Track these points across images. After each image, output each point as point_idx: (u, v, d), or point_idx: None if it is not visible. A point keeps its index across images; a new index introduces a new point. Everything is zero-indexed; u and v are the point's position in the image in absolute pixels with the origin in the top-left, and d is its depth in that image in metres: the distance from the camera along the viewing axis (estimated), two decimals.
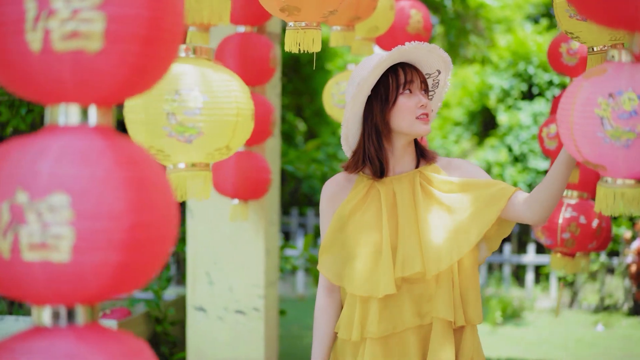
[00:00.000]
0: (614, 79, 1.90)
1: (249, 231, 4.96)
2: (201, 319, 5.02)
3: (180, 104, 2.53)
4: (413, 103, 2.57)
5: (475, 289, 2.63)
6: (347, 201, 2.66)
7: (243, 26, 4.24)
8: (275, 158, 5.13)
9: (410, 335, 2.59)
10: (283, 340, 6.89)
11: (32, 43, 1.32)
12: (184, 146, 2.58)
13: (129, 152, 1.38)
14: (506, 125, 11.17)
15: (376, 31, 4.06)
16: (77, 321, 1.36)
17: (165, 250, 1.43)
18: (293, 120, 12.26)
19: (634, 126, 1.85)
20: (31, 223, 1.28)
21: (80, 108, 1.38)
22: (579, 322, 8.63)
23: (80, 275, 1.30)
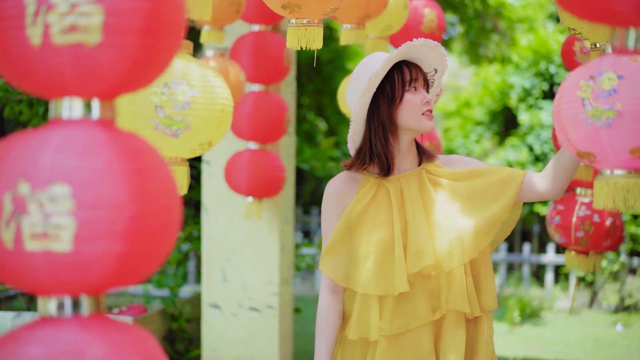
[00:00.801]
0: (596, 64, 1.91)
1: (264, 229, 4.98)
2: (216, 316, 5.05)
3: (169, 97, 2.52)
4: (419, 100, 2.60)
5: (488, 275, 2.66)
6: (355, 201, 2.64)
7: (257, 25, 4.26)
8: (290, 156, 5.14)
9: (424, 331, 2.59)
10: (299, 337, 6.89)
11: (33, 38, 1.34)
12: (170, 140, 2.56)
13: (130, 144, 1.40)
14: (527, 124, 11.11)
15: (390, 30, 4.06)
16: (81, 311, 1.39)
17: (168, 240, 1.44)
18: (314, 119, 12.25)
19: (613, 104, 1.84)
20: (33, 213, 1.30)
21: (83, 101, 1.41)
22: (598, 322, 8.58)
23: (83, 265, 1.32)
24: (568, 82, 1.96)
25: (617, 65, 1.86)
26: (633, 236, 9.27)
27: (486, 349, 2.66)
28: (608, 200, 1.93)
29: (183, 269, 5.42)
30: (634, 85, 1.83)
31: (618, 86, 1.84)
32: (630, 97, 1.83)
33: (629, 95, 1.83)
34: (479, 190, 2.62)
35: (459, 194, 2.63)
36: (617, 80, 1.84)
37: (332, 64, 11.95)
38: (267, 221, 4.97)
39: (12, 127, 6.14)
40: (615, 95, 1.84)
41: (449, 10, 10.21)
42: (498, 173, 2.63)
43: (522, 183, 2.60)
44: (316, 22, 2.69)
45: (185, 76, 2.59)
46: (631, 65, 1.85)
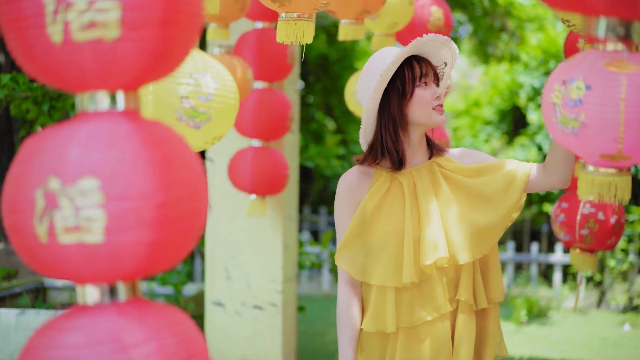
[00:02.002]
0: (572, 67, 1.88)
1: (267, 227, 4.98)
2: (219, 314, 5.04)
3: (195, 89, 2.50)
4: (429, 94, 2.62)
5: (496, 268, 2.70)
6: (370, 195, 2.67)
7: (261, 22, 4.25)
8: (293, 154, 5.14)
9: (442, 322, 2.63)
10: (304, 336, 6.89)
11: (53, 35, 1.38)
12: (191, 132, 2.54)
13: (155, 133, 1.43)
14: (536, 124, 11.07)
15: (395, 27, 4.04)
16: (118, 297, 1.44)
17: (197, 226, 1.48)
18: (322, 119, 12.24)
19: (578, 114, 1.81)
20: (64, 208, 1.34)
21: (107, 94, 1.44)
22: (606, 322, 8.54)
23: (115, 254, 1.37)
24: (549, 80, 1.95)
25: (589, 73, 1.83)
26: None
27: (493, 340, 2.70)
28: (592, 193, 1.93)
29: (188, 267, 5.42)
30: (600, 97, 1.80)
31: (585, 97, 1.81)
32: (595, 110, 1.80)
33: (594, 108, 1.80)
34: (489, 185, 2.64)
35: (469, 189, 2.65)
36: (584, 90, 1.81)
37: (340, 63, 11.94)
38: (270, 219, 4.97)
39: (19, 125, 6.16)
40: (581, 106, 1.82)
41: (457, 9, 10.18)
42: (505, 167, 2.66)
43: (528, 176, 2.63)
44: (306, 16, 2.68)
45: (207, 68, 2.58)
46: (603, 73, 1.81)
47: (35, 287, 5.52)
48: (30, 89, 4.79)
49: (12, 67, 6.45)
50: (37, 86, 4.75)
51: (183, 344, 1.43)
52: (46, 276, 1.44)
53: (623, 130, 1.79)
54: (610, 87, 1.79)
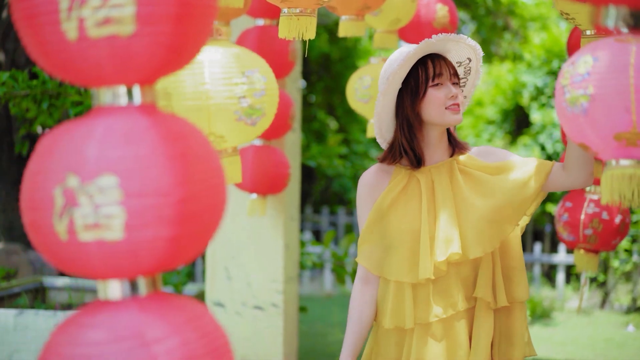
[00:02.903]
0: (582, 49, 1.82)
1: (268, 226, 4.94)
2: (219, 314, 5.00)
3: (249, 86, 2.49)
4: (443, 94, 2.62)
5: (520, 267, 2.71)
6: (387, 192, 2.70)
7: (262, 19, 4.21)
8: (295, 152, 5.10)
9: (459, 319, 2.64)
10: (305, 337, 6.84)
11: (69, 32, 1.39)
12: (248, 129, 2.54)
13: (173, 128, 1.44)
14: (539, 123, 11.02)
15: (398, 23, 4.00)
16: (139, 292, 1.45)
17: (216, 220, 1.50)
18: (324, 118, 12.20)
19: (585, 88, 1.75)
20: (84, 205, 1.35)
21: (124, 88, 1.46)
22: (610, 322, 8.49)
23: (135, 251, 1.38)
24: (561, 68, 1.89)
25: (598, 47, 1.77)
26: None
27: (521, 339, 2.70)
28: (614, 192, 1.83)
29: (188, 267, 5.37)
30: (608, 66, 1.74)
31: (592, 68, 1.75)
32: (604, 79, 1.74)
33: (603, 77, 1.74)
34: (508, 183, 2.64)
35: (488, 186, 2.65)
36: (592, 62, 1.76)
37: (343, 62, 11.91)
38: (271, 218, 4.93)
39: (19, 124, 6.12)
40: (588, 78, 1.75)
41: (460, 7, 10.15)
42: (527, 165, 2.66)
43: (549, 174, 2.63)
44: (309, 11, 2.66)
45: (254, 63, 2.56)
46: (612, 45, 1.75)
47: (35, 287, 5.48)
48: (30, 87, 4.76)
49: (12, 65, 6.42)
50: (36, 84, 4.72)
51: (204, 338, 1.45)
52: (66, 273, 1.46)
53: (634, 98, 1.72)
54: (618, 55, 1.73)
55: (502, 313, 2.71)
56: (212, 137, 2.47)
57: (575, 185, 2.61)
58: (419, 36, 4.40)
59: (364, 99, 4.16)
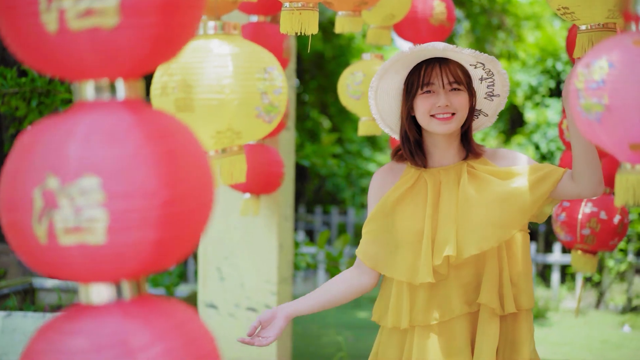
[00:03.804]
0: (597, 49, 1.73)
1: (262, 226, 4.87)
2: (212, 315, 4.93)
3: (270, 83, 2.42)
4: (429, 103, 2.61)
5: (526, 273, 2.68)
6: (393, 189, 2.71)
7: (256, 15, 4.16)
8: (289, 151, 5.03)
9: (460, 323, 2.62)
10: (299, 338, 6.78)
11: (48, 24, 1.32)
12: (264, 126, 2.48)
13: (159, 125, 1.36)
14: (533, 122, 10.99)
15: (392, 19, 3.93)
16: (123, 296, 1.37)
17: (203, 221, 1.42)
18: (317, 117, 12.15)
19: (600, 97, 1.66)
20: (64, 208, 1.28)
21: (107, 82, 1.38)
22: (605, 323, 8.45)
23: (118, 255, 1.31)
24: (575, 68, 1.81)
25: (615, 50, 1.67)
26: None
27: (528, 348, 2.65)
28: (628, 196, 1.78)
29: (180, 268, 5.30)
30: (624, 75, 1.64)
31: (607, 76, 1.65)
32: (620, 90, 1.64)
33: (618, 87, 1.64)
34: (515, 187, 2.61)
35: (496, 191, 2.62)
36: (607, 69, 1.66)
37: (336, 61, 11.85)
38: (265, 218, 4.86)
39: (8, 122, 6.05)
40: (604, 87, 1.66)
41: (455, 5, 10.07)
42: (538, 171, 2.63)
43: (558, 181, 2.60)
44: (311, 5, 2.61)
45: (273, 60, 2.50)
46: (630, 50, 1.65)
47: (24, 289, 5.41)
48: (19, 85, 4.69)
49: (1, 62, 6.34)
50: (25, 81, 4.65)
51: (192, 344, 1.38)
52: (47, 277, 1.40)
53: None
54: (636, 62, 1.63)
55: (507, 320, 2.67)
56: (229, 132, 2.40)
57: (584, 195, 2.57)
58: (415, 33, 4.38)
59: (355, 96, 4.10)
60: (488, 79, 2.73)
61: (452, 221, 2.59)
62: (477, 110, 2.81)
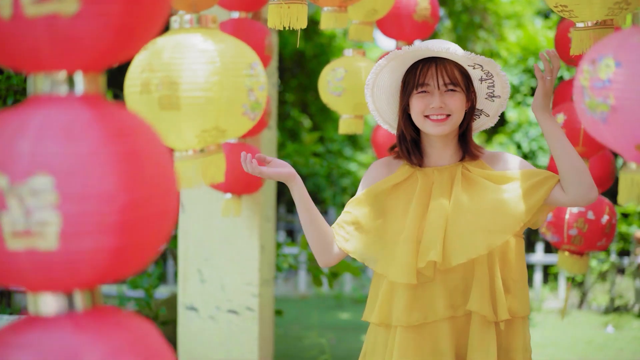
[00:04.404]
0: (603, 44, 1.66)
1: (243, 227, 4.78)
2: (193, 318, 4.84)
3: (255, 79, 2.31)
4: (423, 104, 2.59)
5: (522, 280, 2.62)
6: (384, 180, 2.70)
7: (237, 12, 4.08)
8: (271, 151, 4.95)
9: (443, 326, 2.57)
10: (281, 340, 6.69)
11: (2, 9, 1.22)
12: (248, 124, 2.37)
13: (120, 122, 1.26)
14: (515, 122, 10.96)
15: (375, 15, 3.85)
16: (76, 308, 1.28)
17: (166, 228, 1.32)
18: (298, 116, 12.07)
19: (606, 97, 1.60)
20: (13, 209, 1.19)
21: (64, 75, 1.28)
22: (589, 323, 8.42)
23: (71, 263, 1.22)
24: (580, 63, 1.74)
25: (622, 48, 1.60)
26: (623, 235, 9.12)
27: (522, 355, 2.62)
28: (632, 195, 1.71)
29: (159, 269, 5.20)
30: (631, 75, 1.58)
31: (614, 76, 1.59)
32: (625, 90, 1.58)
33: (624, 88, 1.58)
34: (508, 192, 2.57)
35: (485, 193, 2.59)
36: (614, 68, 1.59)
37: (317, 59, 11.76)
38: (246, 219, 4.77)
39: None
40: (610, 86, 1.60)
41: None
42: (534, 178, 2.58)
43: (552, 188, 2.55)
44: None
45: (255, 55, 2.39)
46: (636, 48, 1.58)
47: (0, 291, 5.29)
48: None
49: None
50: (0, 79, 4.54)
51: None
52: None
53: None
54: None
55: (502, 327, 2.60)
56: (215, 131, 2.29)
57: (579, 202, 2.52)
58: (398, 29, 4.32)
59: (336, 92, 4.00)
60: (488, 79, 2.68)
61: (440, 225, 2.54)
62: (478, 110, 2.77)
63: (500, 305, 2.55)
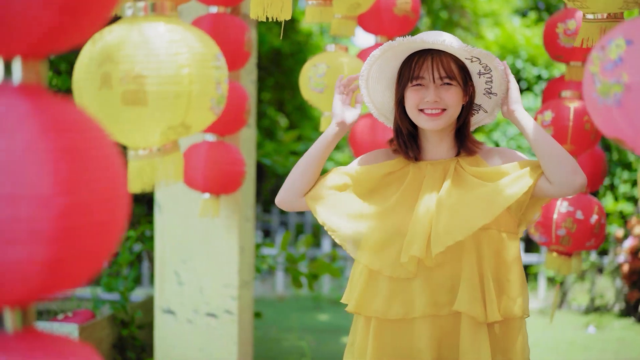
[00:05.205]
0: (613, 30, 1.57)
1: (222, 228, 4.66)
2: (170, 322, 4.71)
3: (222, 71, 2.12)
4: (418, 97, 2.55)
5: (516, 281, 2.55)
6: (375, 166, 2.66)
7: (216, 6, 3.97)
8: (250, 149, 4.82)
9: (423, 324, 2.51)
10: (260, 343, 6.57)
11: None
12: (211, 119, 2.16)
13: (61, 116, 1.11)
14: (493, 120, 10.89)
15: (358, 8, 3.73)
16: (5, 328, 1.13)
17: (112, 237, 1.16)
18: (274, 115, 11.95)
19: (619, 76, 1.50)
20: None
21: (0, 62, 1.13)
22: (570, 323, 8.35)
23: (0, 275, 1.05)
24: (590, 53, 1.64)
25: (630, 29, 1.51)
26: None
27: (521, 356, 2.60)
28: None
29: (135, 272, 5.06)
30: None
31: (625, 53, 1.49)
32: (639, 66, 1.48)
33: (638, 64, 1.48)
34: (497, 186, 2.50)
35: (472, 190, 2.52)
36: (625, 46, 1.50)
37: (294, 57, 11.66)
38: (225, 219, 4.65)
39: None
40: (621, 65, 1.50)
41: None
42: (522, 168, 2.52)
43: (539, 178, 2.49)
44: None
45: (214, 44, 2.20)
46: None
47: None
48: None
49: None
50: None
51: None
52: None
53: None
54: None
55: (498, 327, 2.55)
56: (181, 127, 2.10)
57: (564, 191, 2.48)
58: (378, 23, 4.22)
59: (318, 88, 3.87)
60: (486, 74, 2.59)
61: (426, 221, 2.49)
62: (477, 106, 2.69)
63: (490, 306, 2.47)
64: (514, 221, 2.56)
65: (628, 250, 8.19)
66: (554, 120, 3.92)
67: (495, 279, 2.51)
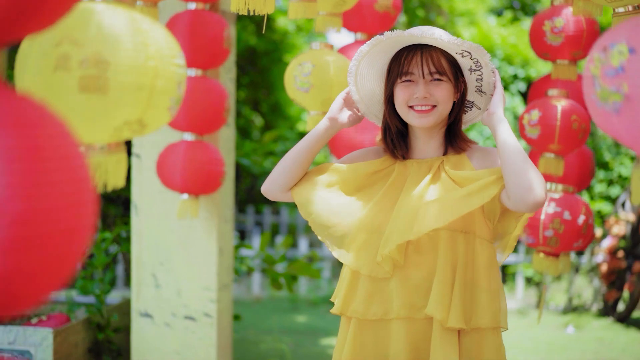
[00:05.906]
0: (615, 31, 1.52)
1: (200, 229, 4.55)
2: (147, 325, 4.60)
3: (183, 71, 1.95)
4: (408, 93, 2.50)
5: (488, 289, 2.45)
6: (364, 164, 2.61)
7: (194, 3, 3.91)
8: (229, 149, 4.72)
9: (400, 326, 2.46)
10: (238, 346, 6.48)
11: None
12: (166, 120, 2.01)
13: (20, 113, 0.98)
14: None
15: (343, 5, 3.66)
16: None
17: (75, 250, 1.02)
18: (249, 114, 11.86)
19: (619, 86, 1.46)
20: None
21: None
22: (548, 323, 8.31)
23: None
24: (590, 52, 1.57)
25: (635, 33, 1.45)
26: None
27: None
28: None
29: (111, 274, 4.94)
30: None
31: (627, 62, 1.44)
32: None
33: (639, 75, 1.43)
34: (462, 193, 2.41)
35: (444, 194, 2.45)
36: (627, 54, 1.44)
37: (269, 56, 11.59)
38: (204, 221, 4.55)
39: None
40: (623, 74, 1.45)
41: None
42: (492, 175, 2.41)
43: (502, 188, 2.39)
44: None
45: (174, 41, 2.05)
46: None
47: None
48: None
49: None
50: None
51: None
52: None
53: None
54: None
55: (471, 336, 2.44)
56: (137, 125, 1.93)
57: (518, 207, 2.32)
58: (360, 20, 4.15)
59: (303, 88, 3.78)
60: (477, 70, 2.51)
61: (403, 219, 2.44)
62: (469, 102, 2.60)
63: (454, 311, 2.39)
64: (489, 228, 2.47)
65: (607, 250, 8.17)
66: (540, 119, 3.87)
67: (469, 284, 2.44)
